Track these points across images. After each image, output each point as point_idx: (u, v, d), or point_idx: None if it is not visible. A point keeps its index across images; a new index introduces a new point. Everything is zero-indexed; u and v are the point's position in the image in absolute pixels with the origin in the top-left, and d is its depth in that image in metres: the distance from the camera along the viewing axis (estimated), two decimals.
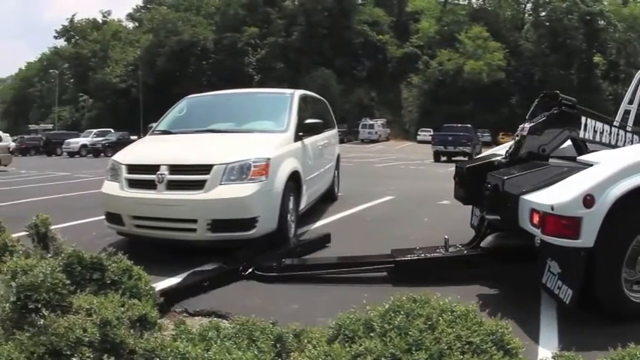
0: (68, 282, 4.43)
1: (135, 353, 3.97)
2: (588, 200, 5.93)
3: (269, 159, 9.24)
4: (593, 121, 8.38)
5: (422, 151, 54.44)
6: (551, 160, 7.75)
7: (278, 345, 4.05)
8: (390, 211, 14.34)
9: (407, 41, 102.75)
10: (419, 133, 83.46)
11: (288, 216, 9.89)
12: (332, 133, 15.54)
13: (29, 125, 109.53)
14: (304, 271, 8.53)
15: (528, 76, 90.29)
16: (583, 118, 8.22)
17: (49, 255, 6.29)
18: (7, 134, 43.24)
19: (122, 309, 4.33)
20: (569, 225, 6.01)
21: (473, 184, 8.17)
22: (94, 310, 4.22)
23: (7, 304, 4.24)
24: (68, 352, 3.85)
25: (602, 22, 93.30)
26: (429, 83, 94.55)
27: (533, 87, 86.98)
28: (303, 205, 11.13)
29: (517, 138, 8.13)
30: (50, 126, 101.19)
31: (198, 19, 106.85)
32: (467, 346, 3.48)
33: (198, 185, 8.89)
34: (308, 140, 11.54)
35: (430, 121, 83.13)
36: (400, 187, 20.27)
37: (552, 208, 6.15)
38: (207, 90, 17.48)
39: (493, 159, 8.57)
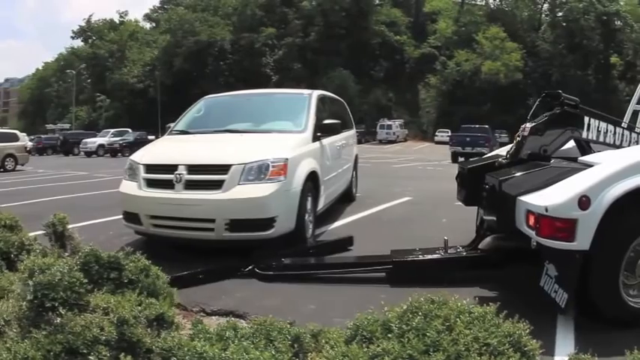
0: (85, 281, 4.44)
1: (152, 352, 3.96)
2: (584, 202, 5.84)
3: (287, 159, 9.23)
4: (597, 121, 8.25)
5: (440, 152, 54.33)
6: (553, 161, 7.65)
7: (295, 345, 4.04)
8: (408, 212, 14.30)
9: (424, 42, 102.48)
10: (437, 133, 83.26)
11: (306, 216, 9.88)
12: (350, 134, 15.50)
13: (46, 125, 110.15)
14: (303, 271, 8.57)
15: (546, 77, 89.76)
16: (586, 118, 8.12)
17: (66, 254, 6.32)
18: (24, 134, 43.55)
19: (139, 308, 4.32)
20: (563, 227, 5.92)
21: (473, 185, 8.08)
22: (111, 308, 4.22)
23: (24, 303, 4.24)
24: (85, 351, 3.85)
25: (619, 22, 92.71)
26: (446, 84, 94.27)
27: (550, 88, 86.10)
28: (321, 205, 11.12)
29: (518, 138, 8.08)
30: (67, 125, 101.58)
31: (216, 20, 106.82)
32: (484, 348, 3.46)
33: (217, 185, 8.89)
34: (326, 141, 11.52)
35: (448, 121, 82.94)
36: (418, 187, 20.21)
37: (546, 210, 6.06)
38: (224, 90, 17.48)
39: (494, 160, 8.50)
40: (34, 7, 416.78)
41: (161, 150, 10.70)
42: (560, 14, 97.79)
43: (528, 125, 7.95)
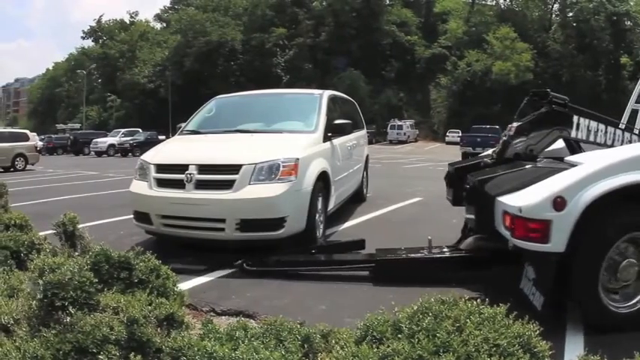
0: (96, 280, 4.44)
1: (161, 352, 3.96)
2: (559, 202, 5.75)
3: (298, 159, 9.23)
4: (587, 120, 8.10)
5: (451, 153, 54.20)
6: (539, 161, 7.53)
7: (305, 345, 4.04)
8: (418, 212, 14.28)
9: (435, 42, 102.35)
10: (447, 134, 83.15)
11: (317, 216, 9.88)
12: (361, 134, 15.50)
13: (57, 125, 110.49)
14: (290, 267, 8.64)
15: (556, 78, 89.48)
16: (575, 117, 7.99)
17: (77, 253, 6.31)
18: (34, 133, 43.76)
19: (149, 307, 4.32)
20: (537, 228, 5.84)
21: (460, 185, 7.99)
22: (121, 308, 4.22)
23: (34, 302, 4.25)
24: (94, 350, 3.85)
25: (629, 22, 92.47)
26: (457, 84, 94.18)
27: (561, 88, 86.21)
28: (331, 205, 11.12)
29: (504, 138, 8.01)
30: (78, 125, 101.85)
31: (226, 20, 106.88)
32: (494, 349, 3.44)
33: (227, 185, 8.90)
34: (337, 141, 11.52)
35: (459, 122, 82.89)
36: (429, 188, 20.15)
37: (520, 211, 6.00)
38: (235, 90, 17.51)
39: (480, 160, 8.49)
40: (45, 8, 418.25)
41: (172, 150, 10.71)
42: (570, 14, 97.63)
43: (514, 125, 7.91)
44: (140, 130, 69.23)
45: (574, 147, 8.16)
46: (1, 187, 10.03)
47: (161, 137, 52.89)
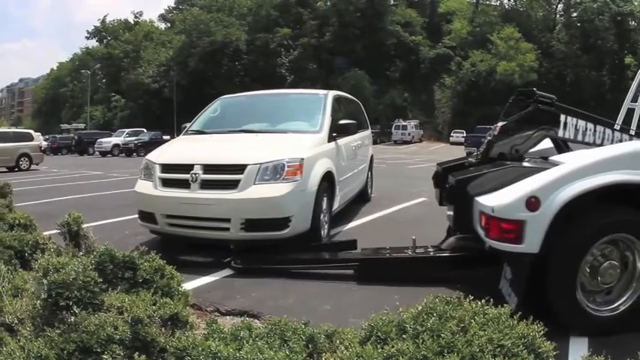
0: (100, 280, 4.45)
1: (166, 352, 3.96)
2: (532, 202, 5.69)
3: (303, 159, 9.23)
4: (575, 119, 7.94)
5: (455, 153, 54.12)
6: (528, 161, 7.45)
7: (310, 345, 4.03)
8: (423, 212, 14.23)
9: (439, 42, 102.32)
10: (452, 134, 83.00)
11: (322, 216, 9.89)
12: (365, 134, 15.49)
13: (61, 124, 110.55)
14: (275, 265, 8.75)
15: (560, 78, 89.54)
16: (562, 116, 7.84)
17: (81, 253, 6.33)
18: (39, 133, 43.78)
19: (154, 307, 4.32)
20: (510, 229, 5.80)
21: (445, 185, 7.98)
22: (125, 308, 4.22)
23: (39, 301, 4.25)
24: (98, 350, 3.85)
25: (633, 22, 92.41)
26: (461, 84, 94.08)
27: (565, 89, 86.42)
28: (336, 205, 11.12)
29: (488, 138, 7.98)
30: (82, 125, 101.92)
31: (231, 20, 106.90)
32: (498, 349, 3.44)
33: (232, 185, 8.91)
34: (341, 141, 11.52)
35: (463, 122, 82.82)
36: (434, 188, 20.15)
37: (493, 210, 5.98)
38: (239, 91, 17.52)
39: (465, 159, 8.50)
40: (49, 8, 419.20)
41: (177, 150, 10.72)
42: (574, 14, 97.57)
43: (499, 125, 7.88)
44: (144, 130, 69.30)
45: (561, 146, 8.04)
46: (6, 187, 10.06)
47: (166, 137, 52.97)
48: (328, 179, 10.25)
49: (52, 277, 4.22)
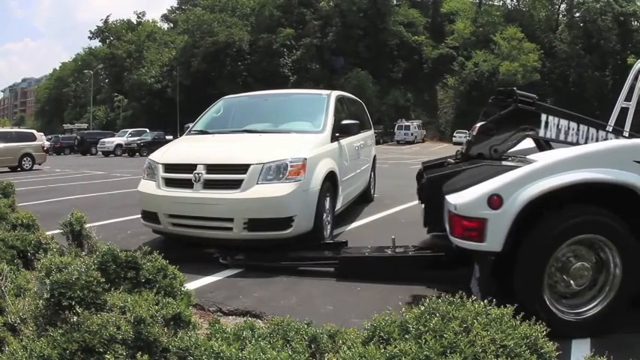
0: (103, 280, 4.44)
1: (168, 352, 3.95)
2: (494, 200, 5.68)
3: (306, 159, 9.25)
4: (557, 119, 7.84)
5: None
6: (507, 160, 7.38)
7: (313, 345, 4.03)
8: None
9: (442, 42, 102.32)
10: (454, 134, 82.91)
11: (324, 216, 9.90)
12: (368, 134, 15.48)
13: (64, 124, 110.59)
14: (260, 262, 8.89)
15: (563, 78, 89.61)
16: (543, 116, 7.75)
17: (84, 253, 6.33)
18: (42, 133, 43.83)
19: (156, 307, 4.32)
20: (472, 227, 5.80)
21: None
22: (127, 308, 4.21)
23: (41, 301, 4.25)
24: (101, 350, 3.85)
25: (636, 22, 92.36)
26: (464, 84, 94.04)
27: (568, 89, 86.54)
28: (339, 205, 11.13)
29: (468, 138, 7.96)
30: (85, 125, 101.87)
31: (234, 20, 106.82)
32: (501, 350, 3.43)
33: (235, 184, 8.93)
34: (344, 141, 11.53)
35: (466, 122, 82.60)
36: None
37: (455, 208, 5.98)
38: (242, 91, 17.55)
39: (445, 159, 8.49)
40: (51, 8, 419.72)
41: (180, 149, 10.72)
42: (577, 15, 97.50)
43: (478, 125, 7.83)
44: (147, 130, 69.36)
45: (543, 146, 7.88)
46: (9, 187, 10.07)
47: (168, 137, 53.14)
48: (331, 179, 10.27)
49: (55, 277, 4.22)
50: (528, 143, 8.10)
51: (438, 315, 3.77)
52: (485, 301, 3.94)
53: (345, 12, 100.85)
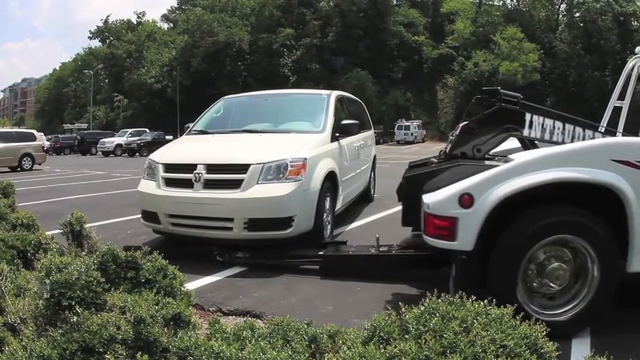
0: (102, 280, 4.44)
1: (168, 352, 3.95)
2: (465, 200, 5.70)
3: (306, 159, 9.26)
4: (541, 118, 7.74)
5: None
6: (492, 160, 7.37)
7: (312, 345, 4.03)
8: None
9: (442, 42, 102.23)
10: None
11: (325, 216, 9.92)
12: (368, 135, 15.49)
13: (64, 124, 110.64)
14: (252, 260, 8.94)
15: (563, 78, 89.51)
16: (528, 115, 7.65)
17: (84, 253, 6.33)
18: (42, 133, 43.89)
19: (156, 307, 4.32)
20: (443, 225, 5.82)
21: None
22: (127, 308, 4.21)
23: (41, 301, 4.25)
24: (101, 350, 3.85)
25: (636, 22, 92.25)
26: (464, 84, 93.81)
27: (568, 88, 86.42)
28: (339, 205, 11.15)
29: (451, 137, 7.95)
30: (85, 125, 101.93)
31: (234, 20, 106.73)
32: (501, 350, 3.43)
33: (235, 184, 8.94)
34: (344, 141, 11.55)
35: None
36: None
37: (428, 207, 6.00)
38: (242, 91, 17.56)
39: (428, 159, 8.54)
40: (51, 8, 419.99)
41: (180, 149, 10.74)
42: (577, 15, 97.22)
43: (461, 124, 7.83)
44: (147, 130, 69.45)
45: (528, 146, 7.75)
46: (9, 187, 10.07)
47: (168, 137, 53.22)
48: (331, 179, 10.29)
49: (55, 277, 4.22)
50: (516, 143, 8.06)
51: (437, 315, 3.77)
52: (485, 301, 3.94)
53: (345, 12, 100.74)
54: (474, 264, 5.82)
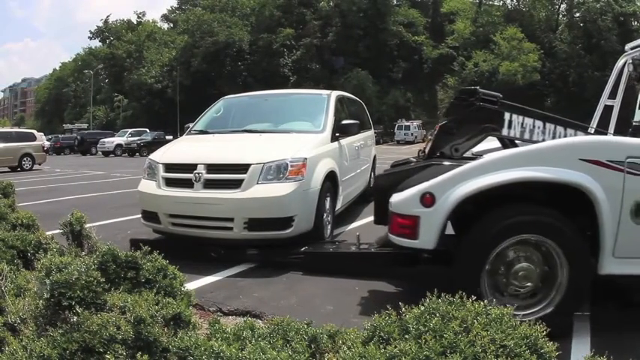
0: (102, 280, 4.44)
1: (168, 352, 3.95)
2: (427, 199, 5.72)
3: (306, 159, 9.26)
4: (521, 117, 7.66)
5: None
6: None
7: (312, 345, 4.03)
8: None
9: (442, 42, 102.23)
10: None
11: (325, 216, 9.93)
12: (368, 135, 15.49)
13: (64, 124, 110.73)
14: (239, 255, 9.07)
15: (563, 78, 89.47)
16: (507, 114, 7.59)
17: (84, 253, 6.33)
18: (42, 133, 43.95)
19: (156, 307, 4.32)
20: (406, 224, 5.87)
21: None
22: (127, 308, 4.21)
23: (41, 301, 4.25)
24: (101, 350, 3.84)
25: (636, 23, 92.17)
26: (464, 84, 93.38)
27: (568, 89, 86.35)
28: (339, 205, 11.15)
29: (430, 137, 7.93)
30: (85, 125, 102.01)
31: (234, 20, 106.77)
32: (501, 350, 3.43)
33: (236, 184, 8.94)
34: (344, 141, 11.55)
35: None
36: None
37: (392, 206, 6.04)
38: (242, 91, 17.57)
39: (407, 159, 8.51)
40: (51, 8, 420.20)
41: (180, 149, 10.73)
42: (577, 15, 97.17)
43: (439, 124, 7.81)
44: (147, 130, 69.54)
45: (508, 145, 7.66)
46: (9, 187, 10.07)
47: (168, 137, 53.27)
48: (331, 179, 10.29)
49: (55, 277, 4.22)
50: (494, 143, 8.05)
51: (438, 315, 3.77)
52: (486, 300, 3.94)
53: (345, 12, 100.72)
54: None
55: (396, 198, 6.11)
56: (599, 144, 5.95)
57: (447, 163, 6.95)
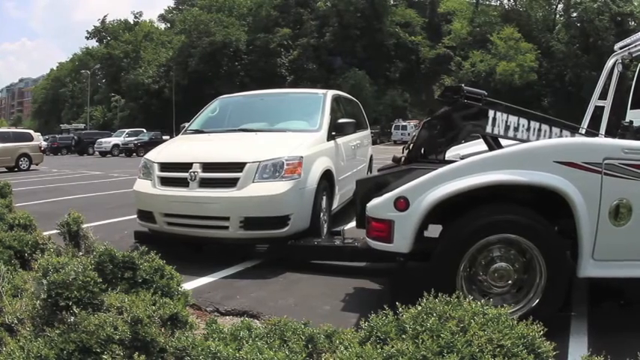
0: (100, 280, 4.44)
1: (165, 352, 3.95)
2: (401, 203, 5.72)
3: (302, 157, 9.26)
4: (505, 115, 7.50)
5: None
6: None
7: (310, 346, 4.02)
8: None
9: (439, 42, 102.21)
10: None
11: (321, 215, 9.91)
12: (365, 134, 15.48)
13: (61, 124, 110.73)
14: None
15: (560, 78, 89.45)
16: (491, 112, 7.44)
17: (81, 253, 6.33)
18: (39, 133, 44.00)
19: (153, 307, 4.32)
20: (380, 228, 5.88)
21: None
22: (125, 308, 4.21)
23: (38, 302, 4.25)
24: (98, 350, 3.84)
25: (633, 22, 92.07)
26: (461, 84, 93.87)
27: (565, 89, 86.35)
28: (335, 204, 11.14)
29: (413, 135, 7.89)
30: (82, 125, 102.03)
31: (231, 20, 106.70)
32: (498, 350, 3.42)
33: (231, 183, 8.94)
34: (341, 140, 11.53)
35: None
36: None
37: (368, 210, 6.06)
38: (239, 91, 17.56)
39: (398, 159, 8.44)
40: (48, 8, 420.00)
41: (176, 148, 10.74)
42: (574, 15, 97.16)
43: (422, 121, 7.80)
44: (144, 130, 69.61)
45: (491, 144, 7.62)
46: (5, 187, 10.07)
47: (165, 137, 53.12)
48: (327, 178, 10.29)
49: (52, 277, 4.22)
50: (480, 141, 8.06)
51: (435, 315, 3.77)
52: (483, 300, 3.94)
53: (342, 12, 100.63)
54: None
55: (372, 202, 6.13)
56: (575, 146, 5.94)
57: (428, 167, 6.80)
